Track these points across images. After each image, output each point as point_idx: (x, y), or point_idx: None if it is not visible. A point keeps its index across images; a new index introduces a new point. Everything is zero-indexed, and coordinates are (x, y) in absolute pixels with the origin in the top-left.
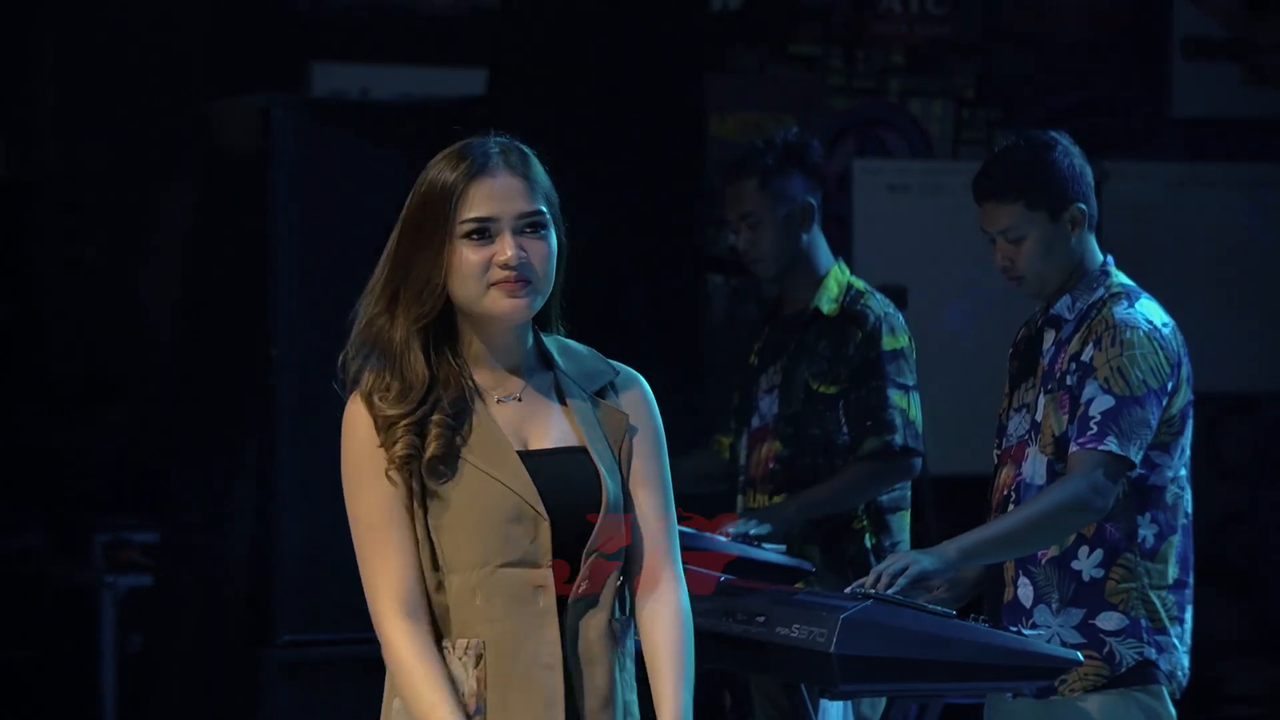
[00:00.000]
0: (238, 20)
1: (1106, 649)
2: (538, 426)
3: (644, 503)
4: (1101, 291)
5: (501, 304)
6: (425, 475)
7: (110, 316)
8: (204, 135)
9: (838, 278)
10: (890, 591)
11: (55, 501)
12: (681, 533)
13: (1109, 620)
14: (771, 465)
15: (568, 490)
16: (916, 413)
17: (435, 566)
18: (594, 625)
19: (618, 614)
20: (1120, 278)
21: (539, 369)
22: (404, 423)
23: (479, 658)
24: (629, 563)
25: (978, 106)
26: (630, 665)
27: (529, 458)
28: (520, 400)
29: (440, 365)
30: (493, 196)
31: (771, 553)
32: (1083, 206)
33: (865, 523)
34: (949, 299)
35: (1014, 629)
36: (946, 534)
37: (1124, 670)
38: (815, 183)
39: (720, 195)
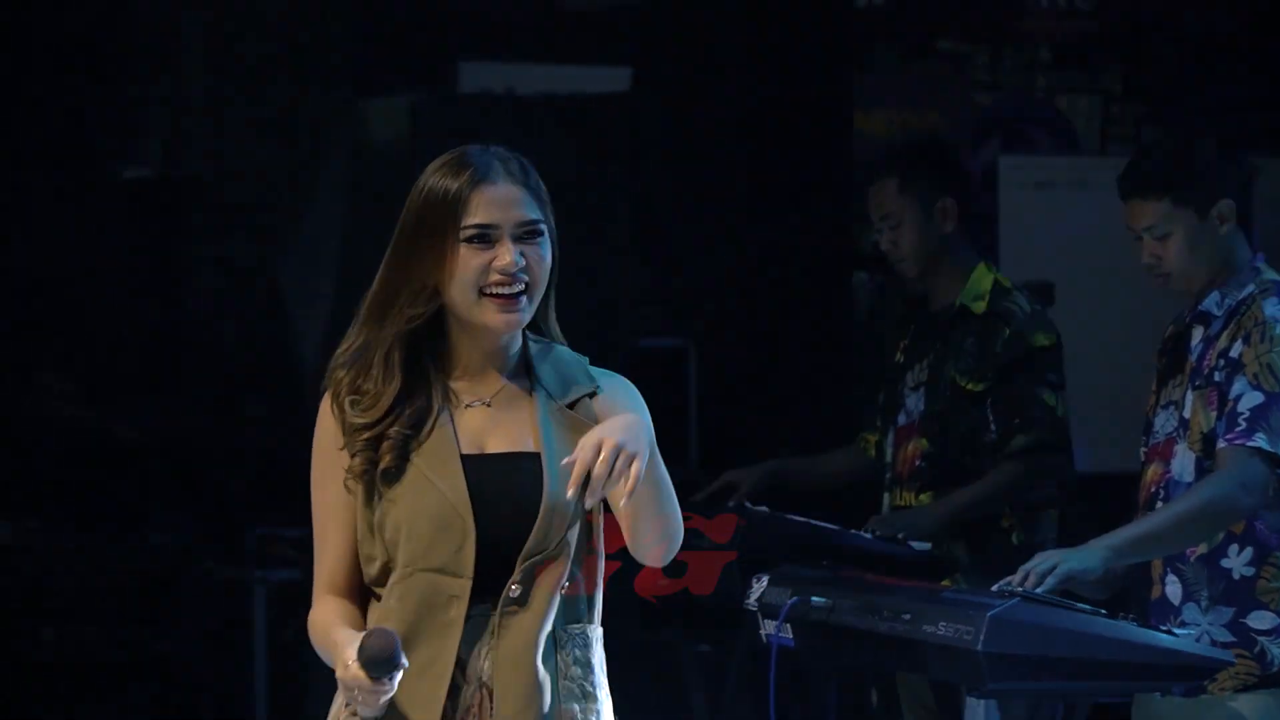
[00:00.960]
0: (385, 19)
1: (1258, 648)
2: (499, 431)
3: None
4: (1251, 288)
5: (493, 317)
6: (379, 482)
7: (261, 313)
8: (352, 133)
9: (983, 275)
10: (1038, 590)
11: (209, 497)
12: (820, 528)
13: (1261, 619)
14: (918, 463)
15: (506, 496)
16: (1064, 410)
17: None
18: (521, 629)
19: (563, 623)
20: (1270, 274)
21: (519, 374)
22: (364, 435)
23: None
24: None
25: (1125, 102)
26: (582, 673)
27: (476, 462)
28: (489, 405)
29: (415, 375)
30: (495, 204)
31: (917, 550)
32: (1230, 202)
33: (1013, 520)
34: (1095, 296)
35: (1164, 628)
36: (1094, 532)
37: (1276, 669)
38: (956, 181)
39: (865, 193)
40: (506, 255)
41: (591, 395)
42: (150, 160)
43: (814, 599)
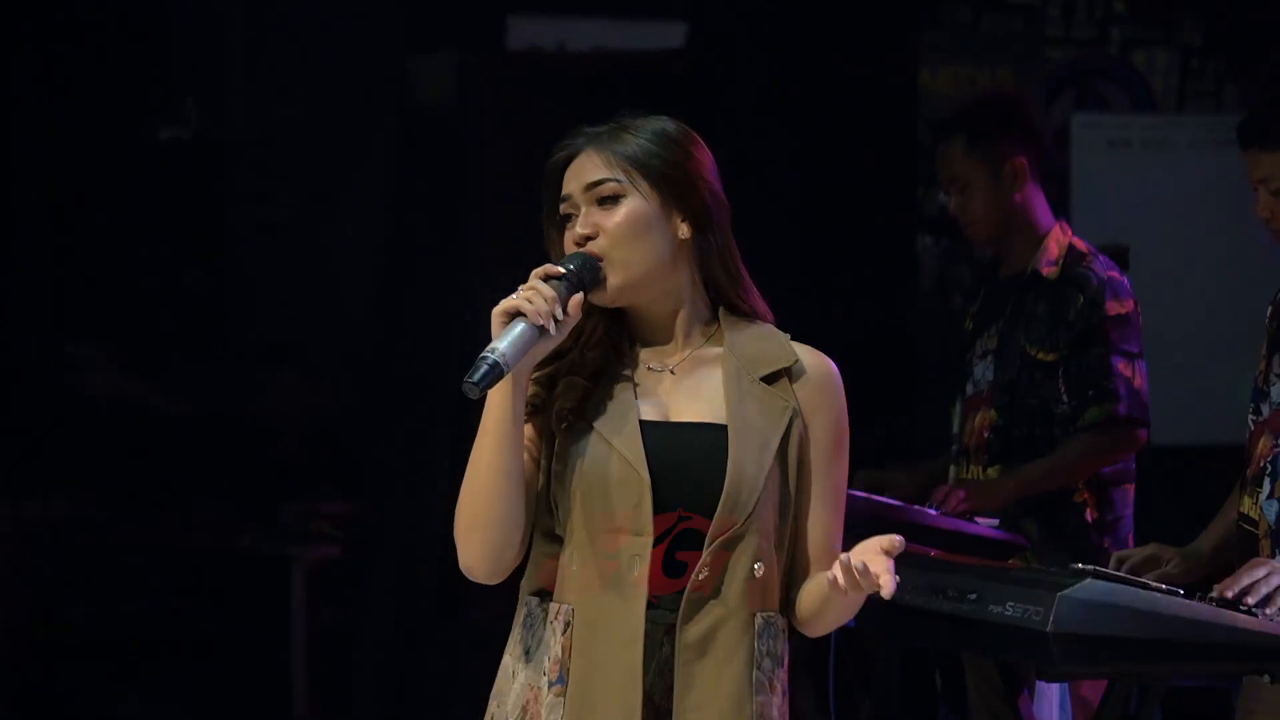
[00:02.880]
0: None
1: None
2: (684, 401)
3: (811, 513)
4: None
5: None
6: (554, 428)
7: (303, 279)
8: (399, 92)
9: (1058, 239)
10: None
11: (244, 469)
12: (884, 504)
13: None
14: (986, 435)
15: (687, 466)
16: (1142, 381)
17: (550, 525)
18: (710, 617)
19: (755, 609)
20: None
21: (708, 346)
22: (535, 374)
23: (567, 625)
24: (791, 571)
25: (1206, 57)
26: (772, 666)
27: (658, 428)
28: (674, 373)
29: (595, 329)
30: (571, 176)
31: (985, 526)
32: None
33: (1086, 496)
34: (1174, 261)
35: (1244, 608)
36: (1172, 509)
37: None
38: (1028, 140)
39: (932, 154)
40: (576, 226)
41: (789, 372)
42: (188, 120)
43: None
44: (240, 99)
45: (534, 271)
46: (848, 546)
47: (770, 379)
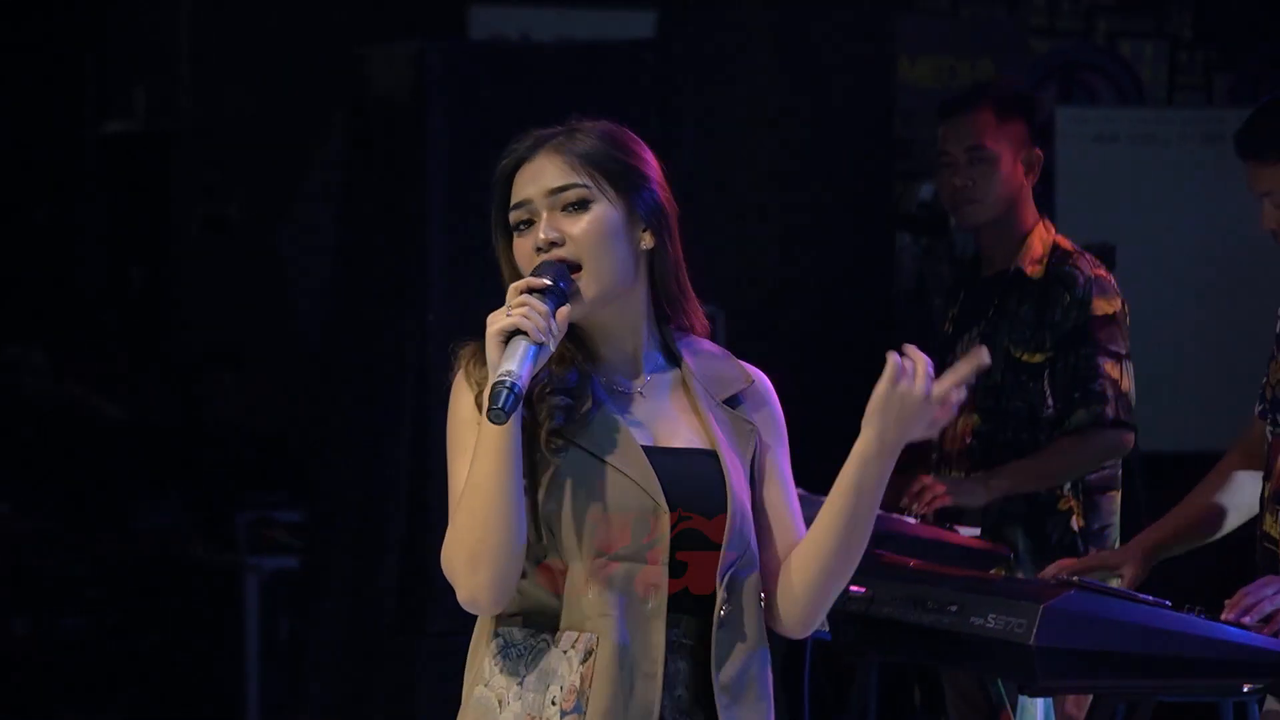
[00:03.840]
0: None
1: None
2: (663, 424)
3: (776, 502)
4: None
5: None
6: (543, 451)
7: (253, 279)
8: (355, 84)
9: (1042, 236)
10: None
11: (195, 477)
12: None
13: None
14: (969, 440)
15: (694, 492)
16: (1130, 383)
17: (540, 552)
18: (739, 656)
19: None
20: None
21: (663, 365)
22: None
23: (589, 653)
24: (764, 575)
25: (1195, 49)
26: (760, 690)
27: (653, 454)
28: (642, 395)
29: (562, 345)
30: (528, 180)
31: (967, 536)
32: None
33: (1073, 503)
34: (1161, 259)
35: (1233, 620)
36: (1157, 516)
37: None
38: (1042, 139)
39: (909, 147)
40: (539, 233)
41: (743, 393)
42: (135, 113)
43: (852, 588)
44: (188, 89)
45: (514, 286)
46: None
47: (730, 402)
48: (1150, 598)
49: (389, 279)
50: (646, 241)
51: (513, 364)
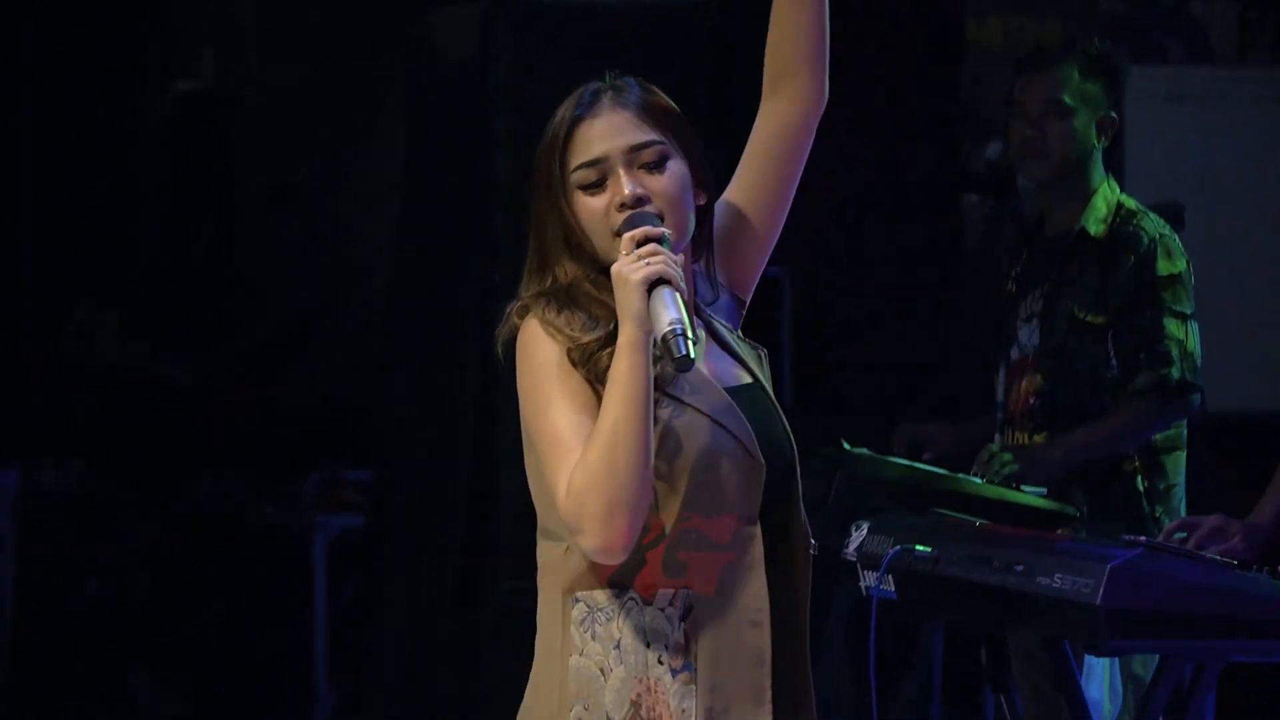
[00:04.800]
0: None
1: None
2: (721, 366)
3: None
4: None
5: None
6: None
7: (320, 244)
8: (419, 46)
9: (1107, 196)
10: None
11: (265, 439)
12: (927, 472)
13: None
14: (1032, 401)
15: (769, 432)
16: (1195, 344)
17: None
18: (805, 590)
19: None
20: None
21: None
22: (604, 351)
23: (688, 609)
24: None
25: (1267, 6)
26: None
27: (736, 395)
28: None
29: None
30: (599, 137)
31: (1032, 495)
32: None
33: (1137, 464)
34: (1230, 219)
35: None
36: (1225, 477)
37: None
38: (1119, 104)
39: (976, 106)
40: (623, 188)
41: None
42: (201, 73)
43: (918, 548)
44: (252, 54)
45: (631, 235)
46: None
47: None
48: (1218, 557)
49: (454, 240)
50: (700, 198)
51: (676, 312)
